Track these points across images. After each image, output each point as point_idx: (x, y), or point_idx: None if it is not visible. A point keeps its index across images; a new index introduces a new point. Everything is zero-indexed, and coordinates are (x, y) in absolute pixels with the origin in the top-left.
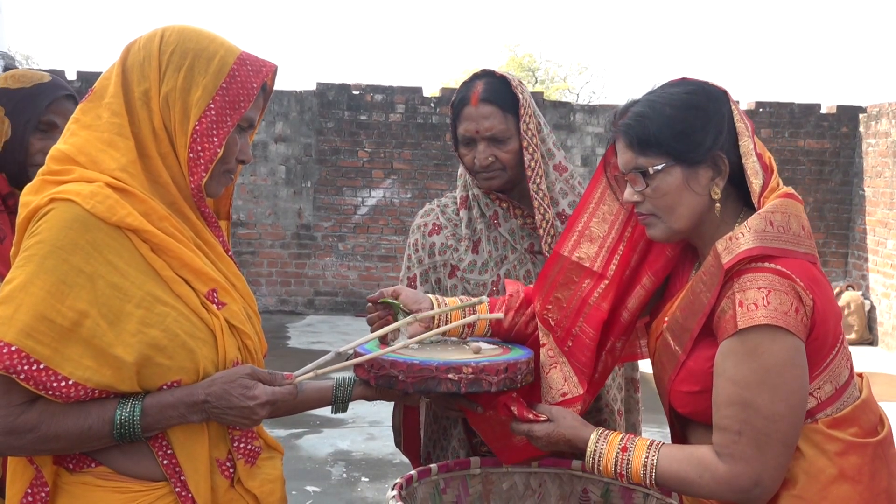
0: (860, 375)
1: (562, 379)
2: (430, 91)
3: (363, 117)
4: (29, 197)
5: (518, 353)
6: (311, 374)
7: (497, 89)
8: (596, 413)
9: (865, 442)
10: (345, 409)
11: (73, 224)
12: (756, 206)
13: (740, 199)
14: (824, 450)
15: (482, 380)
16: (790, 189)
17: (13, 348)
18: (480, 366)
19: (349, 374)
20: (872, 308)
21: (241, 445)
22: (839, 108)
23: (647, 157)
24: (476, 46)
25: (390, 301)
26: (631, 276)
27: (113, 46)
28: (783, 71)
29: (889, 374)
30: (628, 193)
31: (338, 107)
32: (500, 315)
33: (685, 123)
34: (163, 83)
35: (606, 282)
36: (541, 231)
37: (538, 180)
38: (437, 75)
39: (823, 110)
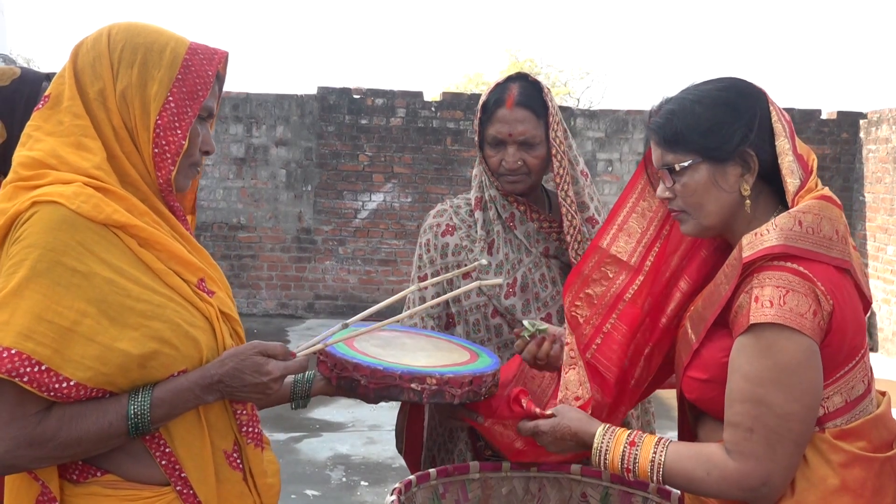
0: (882, 393)
1: (577, 382)
2: (431, 95)
3: (364, 121)
4: (4, 204)
5: (485, 363)
6: (319, 346)
7: (531, 94)
8: None
9: (873, 457)
10: (304, 405)
11: (62, 225)
12: (790, 205)
13: (776, 198)
14: (828, 459)
15: (445, 391)
16: (828, 192)
17: (13, 352)
18: (445, 377)
19: (309, 371)
20: (872, 314)
21: (249, 430)
22: (839, 113)
23: (675, 154)
24: (477, 51)
25: (540, 325)
26: (670, 279)
27: None
28: (783, 76)
29: (889, 381)
30: (660, 190)
31: (338, 111)
32: (498, 281)
33: (712, 121)
34: (117, 81)
35: (642, 277)
36: (567, 237)
37: (566, 187)
38: (437, 80)
39: (824, 116)
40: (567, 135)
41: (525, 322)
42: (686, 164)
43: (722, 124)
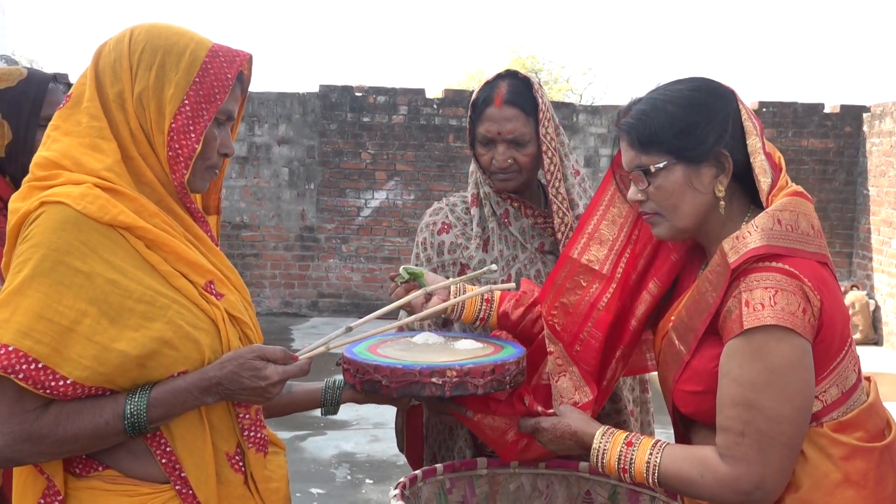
0: (868, 379)
1: (572, 387)
2: (433, 92)
3: (366, 119)
4: (17, 203)
5: (508, 353)
6: (321, 350)
7: (520, 92)
8: (615, 415)
9: (871, 446)
10: (335, 412)
11: (66, 225)
12: (764, 204)
13: (748, 198)
14: (829, 454)
15: (467, 383)
16: (799, 188)
17: (10, 349)
18: (465, 368)
19: (339, 377)
20: (877, 308)
21: (252, 434)
22: (843, 107)
23: (649, 155)
24: (479, 48)
25: (415, 270)
26: (638, 282)
27: None
28: (786, 70)
29: (894, 374)
30: (632, 192)
31: (340, 108)
32: (511, 285)
33: (687, 121)
34: (135, 83)
35: (615, 285)
36: (559, 235)
37: (557, 184)
38: (439, 77)
39: (827, 110)
40: (559, 131)
41: (402, 267)
42: (661, 165)
43: (697, 125)
